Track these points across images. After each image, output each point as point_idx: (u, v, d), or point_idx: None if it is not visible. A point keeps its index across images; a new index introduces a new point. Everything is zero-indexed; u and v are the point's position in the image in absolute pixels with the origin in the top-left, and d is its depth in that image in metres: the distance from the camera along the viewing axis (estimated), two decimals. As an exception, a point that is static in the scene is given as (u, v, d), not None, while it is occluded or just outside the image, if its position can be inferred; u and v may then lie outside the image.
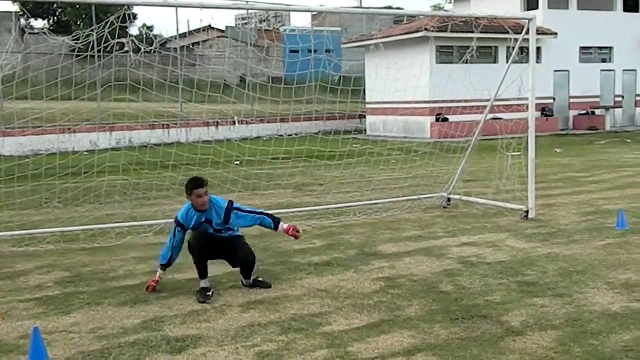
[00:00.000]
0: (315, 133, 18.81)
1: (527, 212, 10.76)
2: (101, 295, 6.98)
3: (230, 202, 7.20)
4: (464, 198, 12.14)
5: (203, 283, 6.93)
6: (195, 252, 7.02)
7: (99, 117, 27.39)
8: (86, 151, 19.95)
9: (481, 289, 6.93)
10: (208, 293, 6.78)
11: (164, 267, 7.23)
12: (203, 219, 7.09)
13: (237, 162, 16.25)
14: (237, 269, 7.27)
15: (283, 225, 7.24)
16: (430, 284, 7.15)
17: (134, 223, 10.31)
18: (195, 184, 7.10)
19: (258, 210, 7.47)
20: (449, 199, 12.21)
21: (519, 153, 11.78)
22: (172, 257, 7.21)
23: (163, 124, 28.56)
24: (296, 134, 25.28)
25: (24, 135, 23.96)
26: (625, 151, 23.03)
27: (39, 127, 22.57)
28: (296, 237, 7.28)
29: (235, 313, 6.30)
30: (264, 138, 28.33)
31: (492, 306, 6.34)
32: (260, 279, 7.26)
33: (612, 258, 8.11)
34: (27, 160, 13.04)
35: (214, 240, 7.10)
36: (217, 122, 30.14)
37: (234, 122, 30.64)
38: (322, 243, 9.34)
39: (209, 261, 7.07)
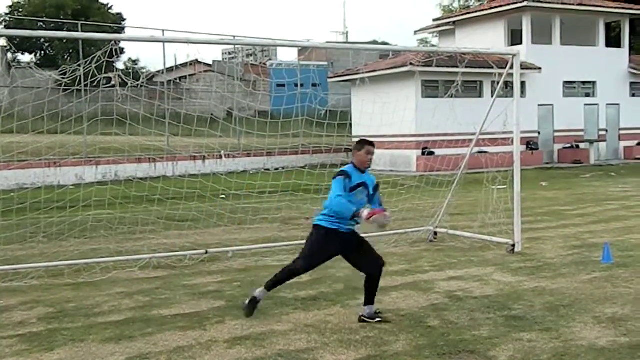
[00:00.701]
0: (301, 167, 18.83)
1: (513, 246, 10.79)
2: (85, 331, 6.90)
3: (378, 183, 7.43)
4: (451, 232, 12.16)
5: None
6: (325, 244, 6.97)
7: (86, 151, 27.32)
8: (72, 185, 19.87)
9: (468, 323, 6.91)
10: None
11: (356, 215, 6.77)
12: (363, 181, 7.08)
13: (224, 196, 16.21)
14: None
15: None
16: (418, 318, 7.13)
17: (119, 258, 10.24)
18: (370, 142, 7.26)
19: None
20: (435, 233, 12.22)
21: (504, 187, 11.84)
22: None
23: (150, 158, 28.50)
24: (283, 168, 25.35)
25: (10, 169, 23.82)
26: (610, 185, 23.18)
27: (25, 161, 22.49)
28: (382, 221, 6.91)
29: (222, 349, 6.24)
30: (251, 172, 28.33)
31: (480, 341, 6.32)
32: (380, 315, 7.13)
33: (599, 292, 8.12)
34: (12, 194, 12.99)
35: (347, 241, 7.06)
36: (204, 156, 30.13)
37: (220, 156, 30.63)
38: (309, 277, 9.27)
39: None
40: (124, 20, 50.44)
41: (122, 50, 45.45)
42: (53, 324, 7.22)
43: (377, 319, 6.95)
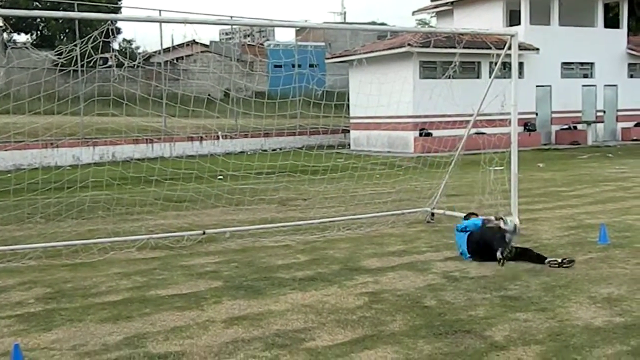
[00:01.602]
0: (299, 148, 18.84)
1: (510, 226, 10.79)
2: (83, 311, 6.92)
3: None
4: (448, 213, 12.17)
5: None
6: None
7: (82, 131, 27.27)
8: (69, 166, 19.84)
9: (465, 303, 6.95)
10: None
11: None
12: None
13: (221, 177, 16.22)
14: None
15: None
16: (414, 299, 7.16)
17: (117, 239, 10.25)
18: None
19: None
20: (432, 214, 12.24)
21: (501, 168, 11.85)
22: None
23: (147, 139, 28.47)
24: (280, 149, 25.35)
25: (6, 150, 23.78)
26: (607, 166, 23.20)
27: (22, 141, 22.39)
28: None
29: (219, 329, 6.27)
30: (248, 153, 28.36)
31: (476, 321, 6.36)
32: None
33: (595, 272, 8.15)
34: (9, 175, 12.97)
35: None
36: (201, 136, 30.10)
37: (217, 137, 30.61)
38: (306, 258, 9.33)
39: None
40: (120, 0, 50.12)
41: (118, 30, 45.29)
42: (51, 304, 7.24)
43: None
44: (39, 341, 6.02)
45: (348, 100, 28.72)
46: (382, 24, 60.12)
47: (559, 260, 8.48)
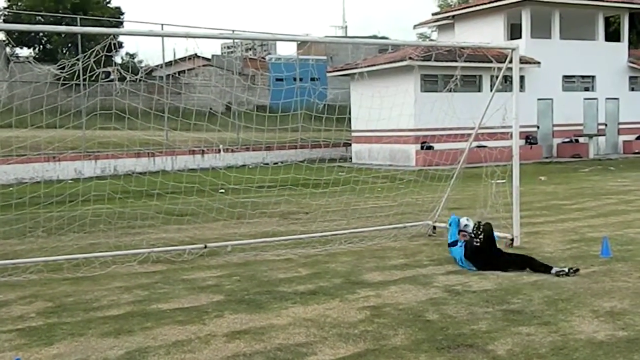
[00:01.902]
0: (300, 161, 18.87)
1: (512, 239, 10.79)
2: (85, 325, 6.91)
3: None
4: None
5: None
6: None
7: (84, 145, 27.31)
8: (71, 180, 19.88)
9: (467, 317, 6.93)
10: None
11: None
12: None
13: (223, 191, 16.22)
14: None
15: None
16: (416, 312, 7.14)
17: (118, 252, 10.24)
18: None
19: None
20: (434, 227, 12.23)
21: (503, 181, 11.84)
22: None
23: (148, 153, 28.50)
24: (282, 162, 25.33)
25: (9, 163, 23.80)
26: (609, 179, 23.19)
27: (24, 155, 22.46)
28: None
29: (220, 343, 6.25)
30: (250, 166, 28.32)
31: (478, 335, 6.34)
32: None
33: (597, 286, 8.14)
34: (10, 189, 12.97)
35: None
36: (203, 150, 30.13)
37: (219, 151, 30.64)
38: (308, 272, 9.31)
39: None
40: (122, 14, 50.25)
41: (120, 45, 45.42)
42: (52, 318, 7.22)
43: None
44: (41, 355, 6.00)
45: (349, 113, 28.74)
46: (384, 37, 60.24)
47: (566, 269, 8.52)
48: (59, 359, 5.90)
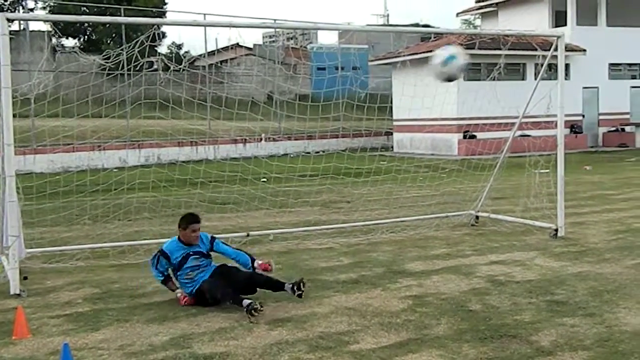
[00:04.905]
0: (342, 150, 18.84)
1: (556, 230, 10.66)
2: (130, 312, 7.02)
3: (212, 235, 7.78)
4: (492, 216, 12.07)
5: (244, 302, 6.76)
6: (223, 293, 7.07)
7: (129, 134, 27.68)
8: (116, 168, 20.12)
9: (510, 308, 6.88)
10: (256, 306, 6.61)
11: (165, 282, 7.54)
12: (188, 252, 7.39)
13: (265, 180, 16.30)
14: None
15: (258, 262, 7.64)
16: (459, 302, 7.11)
17: (163, 240, 10.34)
18: (193, 219, 7.48)
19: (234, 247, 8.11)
20: (477, 217, 12.14)
21: (547, 171, 11.70)
22: (165, 273, 7.52)
23: (191, 142, 28.77)
24: (323, 151, 25.37)
25: (55, 152, 24.25)
26: (656, 169, 22.75)
27: (70, 144, 22.87)
28: (269, 270, 7.63)
29: (263, 331, 6.30)
30: (292, 155, 28.42)
31: (522, 326, 6.29)
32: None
33: (644, 277, 8.01)
34: (58, 177, 13.17)
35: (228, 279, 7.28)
36: (245, 139, 30.33)
37: (261, 140, 30.80)
38: (350, 261, 9.33)
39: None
40: (165, 4, 50.66)
41: (164, 35, 45.79)
42: (98, 304, 7.36)
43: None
44: (87, 341, 6.12)
45: (391, 102, 28.64)
46: (426, 25, 59.79)
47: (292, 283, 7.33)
48: (105, 344, 6.01)
